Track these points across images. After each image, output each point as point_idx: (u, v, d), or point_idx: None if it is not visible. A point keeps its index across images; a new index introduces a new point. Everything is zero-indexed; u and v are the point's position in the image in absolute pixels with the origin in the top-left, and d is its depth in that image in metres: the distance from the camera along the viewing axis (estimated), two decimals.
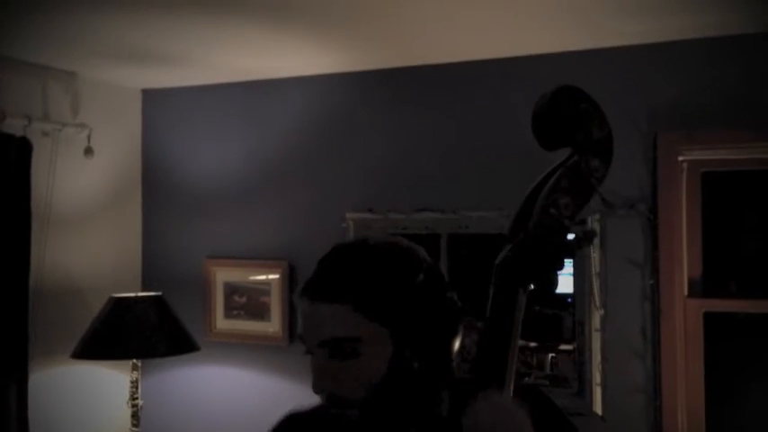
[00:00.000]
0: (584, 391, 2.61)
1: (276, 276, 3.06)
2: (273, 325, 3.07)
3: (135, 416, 2.82)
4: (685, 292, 2.51)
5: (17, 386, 2.64)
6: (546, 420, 1.01)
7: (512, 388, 0.98)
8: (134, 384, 2.82)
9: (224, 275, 3.18)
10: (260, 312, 3.11)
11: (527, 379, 2.98)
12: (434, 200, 2.81)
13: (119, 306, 2.75)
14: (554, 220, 0.98)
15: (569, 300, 4.63)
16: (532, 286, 0.98)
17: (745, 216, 2.70)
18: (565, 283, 5.01)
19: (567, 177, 0.99)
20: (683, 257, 2.52)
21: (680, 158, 2.52)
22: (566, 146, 1.01)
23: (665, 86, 2.52)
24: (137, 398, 2.82)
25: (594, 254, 2.59)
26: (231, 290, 3.17)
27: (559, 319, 4.52)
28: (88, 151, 2.99)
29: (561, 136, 1.00)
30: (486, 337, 0.98)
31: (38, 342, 2.76)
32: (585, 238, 0.98)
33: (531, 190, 1.03)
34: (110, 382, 3.01)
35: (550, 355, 4.07)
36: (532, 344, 4.06)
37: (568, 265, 4.73)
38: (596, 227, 2.59)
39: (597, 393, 2.55)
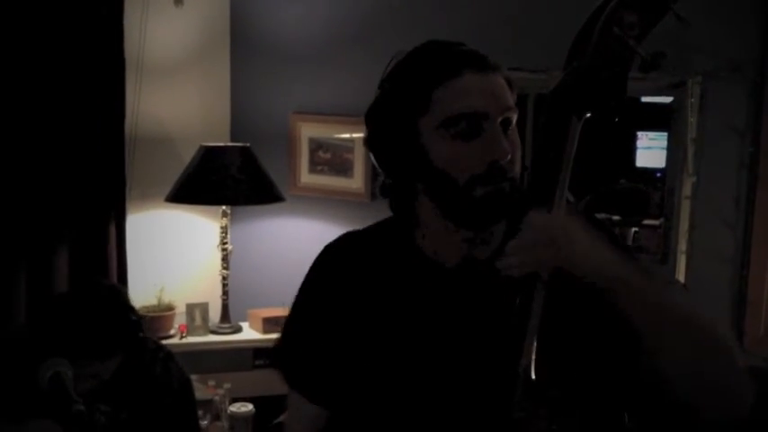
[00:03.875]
0: (668, 258, 2.57)
1: (360, 134, 3.06)
2: (356, 181, 3.10)
3: (225, 259, 2.96)
4: None
5: (116, 225, 2.80)
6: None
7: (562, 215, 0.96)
8: (224, 230, 2.95)
9: (309, 131, 3.20)
10: (343, 168, 3.15)
11: None
12: (522, 58, 2.70)
13: (209, 154, 2.83)
14: (617, 40, 0.90)
15: (658, 174, 4.49)
16: (589, 114, 0.93)
17: None
18: (655, 156, 4.86)
19: None
20: None
21: None
22: None
23: None
24: (226, 242, 2.96)
25: (692, 118, 2.47)
26: (316, 145, 3.20)
27: (646, 193, 4.41)
28: (178, 1, 2.98)
29: None
30: (536, 168, 0.95)
31: (134, 186, 2.90)
32: (653, 62, 0.89)
33: (593, 11, 0.95)
34: (202, 227, 3.14)
35: (633, 229, 4.00)
36: (615, 217, 3.99)
37: (661, 137, 4.51)
38: (696, 90, 2.45)
39: (681, 261, 2.51)
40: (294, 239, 3.24)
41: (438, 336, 1.11)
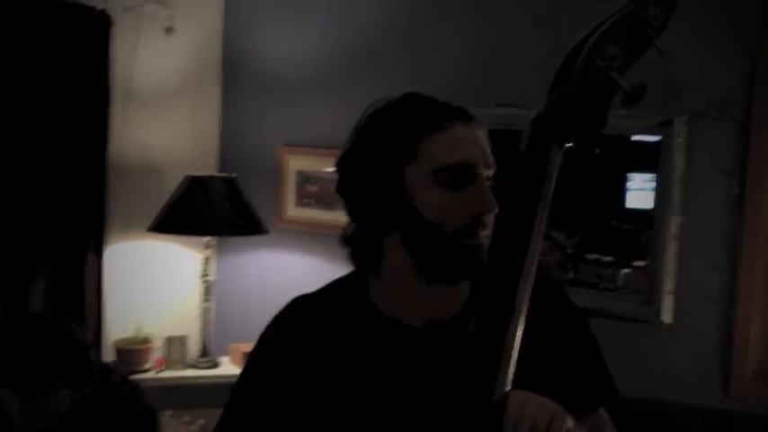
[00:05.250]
0: (653, 299, 2.53)
1: None
2: (343, 215, 3.06)
3: (206, 291, 2.92)
4: None
5: (95, 255, 2.76)
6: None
7: (535, 264, 0.94)
8: (206, 261, 2.91)
9: (297, 163, 3.19)
10: (331, 202, 3.12)
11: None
12: (517, 95, 2.70)
13: (193, 184, 2.81)
14: (599, 71, 0.89)
15: (648, 215, 4.47)
16: (570, 144, 0.91)
17: None
18: (646, 197, 4.84)
19: (620, 25, 0.89)
20: None
21: None
22: None
23: None
24: (208, 274, 2.92)
25: (679, 158, 2.45)
26: (304, 178, 3.18)
27: (636, 234, 4.39)
28: (169, 30, 2.99)
29: None
30: (513, 197, 0.93)
31: (116, 215, 2.87)
32: (635, 94, 0.89)
33: (577, 43, 0.94)
34: (184, 258, 3.10)
35: (624, 270, 3.97)
36: (606, 258, 3.97)
37: (650, 179, 4.51)
38: (683, 129, 2.44)
39: (667, 301, 2.47)
40: (279, 273, 3.20)
41: (407, 402, 1.06)
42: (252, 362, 1.19)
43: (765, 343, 2.38)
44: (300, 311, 1.18)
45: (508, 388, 0.91)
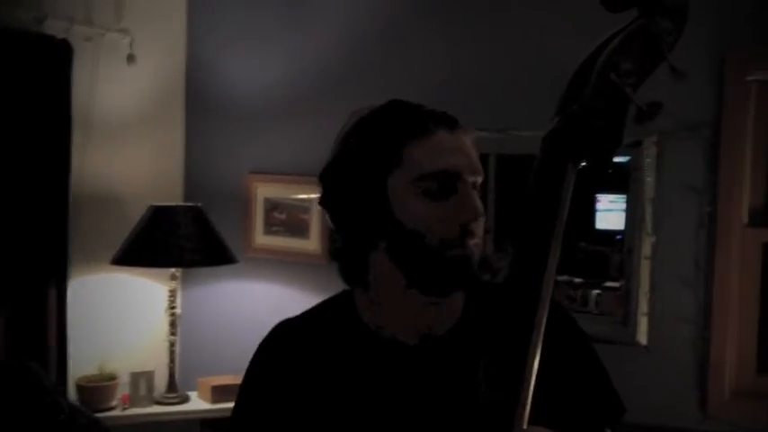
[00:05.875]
0: (628, 320, 2.51)
1: (317, 194, 2.99)
2: (313, 243, 3.03)
3: (173, 324, 2.83)
4: (745, 221, 2.37)
5: (56, 290, 2.67)
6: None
7: (551, 289, 0.90)
8: (172, 293, 2.83)
9: (265, 191, 3.14)
10: (300, 230, 3.07)
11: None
12: (483, 118, 2.69)
13: (158, 215, 2.74)
14: (614, 87, 0.86)
15: (618, 237, 4.49)
16: (585, 163, 0.88)
17: None
18: (615, 218, 4.87)
19: (634, 40, 0.87)
20: (745, 185, 2.36)
21: (749, 78, 2.33)
22: (633, 5, 0.89)
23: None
24: (174, 307, 2.83)
25: (650, 178, 2.45)
26: (271, 206, 3.13)
27: (606, 256, 4.41)
28: (131, 58, 2.93)
29: None
30: (529, 218, 0.89)
31: (78, 248, 2.78)
32: (650, 112, 0.86)
33: (588, 56, 0.92)
34: (149, 291, 3.02)
35: (595, 291, 3.97)
36: (577, 279, 3.97)
37: (619, 199, 4.53)
38: (653, 149, 2.44)
39: (642, 323, 2.45)
40: (248, 303, 3.13)
41: (401, 419, 1.02)
42: (244, 391, 1.14)
43: (741, 362, 2.36)
44: (287, 334, 1.14)
45: (526, 423, 0.85)
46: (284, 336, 1.14)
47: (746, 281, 2.36)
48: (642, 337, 2.45)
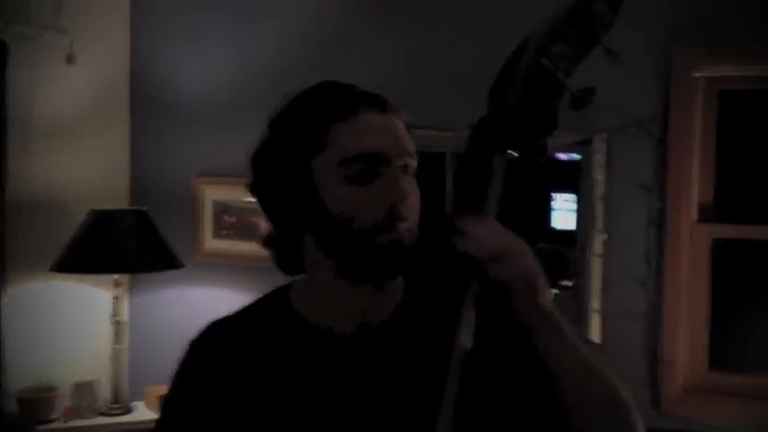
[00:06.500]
0: (581, 318, 2.49)
1: None
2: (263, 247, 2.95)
3: (117, 332, 2.74)
4: (694, 217, 2.37)
5: None
6: None
7: None
8: (116, 301, 2.74)
9: (213, 194, 3.06)
10: (250, 233, 2.99)
11: None
12: (436, 116, 2.65)
13: (100, 219, 2.65)
14: (545, 72, 0.82)
15: (573, 235, 4.52)
16: (515, 153, 0.84)
17: (762, 138, 2.52)
18: (570, 217, 4.90)
19: (566, 23, 0.83)
20: (694, 181, 2.37)
21: (696, 75, 2.34)
22: None
23: None
24: (119, 314, 2.74)
25: (600, 176, 2.44)
26: (221, 209, 3.06)
27: (564, 255, 4.42)
28: (70, 58, 2.83)
29: None
30: (454, 209, 0.85)
31: (17, 255, 2.68)
32: (583, 98, 0.82)
33: (521, 42, 0.88)
34: (92, 299, 2.92)
35: (553, 291, 3.98)
36: None
37: (574, 198, 4.54)
38: (602, 147, 2.43)
39: (595, 321, 2.44)
40: (199, 309, 3.01)
41: (336, 412, 0.98)
42: (173, 390, 1.09)
43: (693, 358, 2.37)
44: (218, 332, 1.09)
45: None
46: (215, 333, 1.09)
47: (697, 277, 2.36)
48: (595, 335, 2.44)
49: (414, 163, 0.99)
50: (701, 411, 2.29)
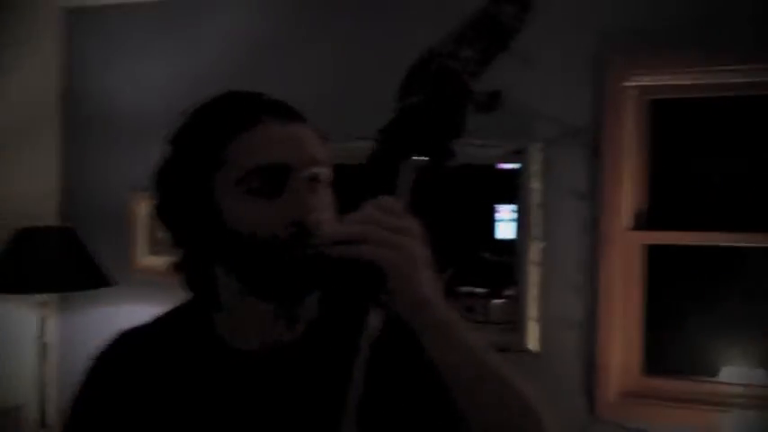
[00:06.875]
0: (519, 326, 2.49)
1: None
2: None
3: (44, 354, 2.63)
4: (628, 225, 2.39)
5: None
6: None
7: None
8: (43, 321, 2.63)
9: (148, 209, 2.98)
10: None
11: None
12: (367, 127, 2.63)
13: (23, 237, 2.55)
14: (452, 75, 0.80)
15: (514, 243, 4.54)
16: (424, 158, 0.82)
17: (694, 147, 2.57)
18: (511, 227, 4.92)
19: (474, 25, 0.81)
20: (627, 189, 2.39)
21: (627, 84, 2.37)
22: None
23: (615, 6, 2.36)
24: (45, 335, 2.64)
25: (536, 185, 2.45)
26: (155, 224, 2.98)
27: (508, 265, 4.44)
28: None
29: None
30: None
31: None
32: (490, 102, 0.80)
33: (429, 46, 0.85)
34: (19, 320, 2.80)
35: (498, 301, 3.98)
36: (479, 290, 3.98)
37: (516, 208, 4.57)
38: (538, 156, 2.44)
39: (532, 328, 2.44)
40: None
41: None
42: (79, 404, 1.03)
43: (627, 364, 2.38)
44: (130, 345, 1.04)
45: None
46: (126, 346, 1.04)
47: (630, 283, 2.38)
48: (532, 344, 2.44)
49: (326, 173, 0.95)
50: (635, 416, 2.31)
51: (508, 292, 3.95)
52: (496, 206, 5.11)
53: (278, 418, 0.93)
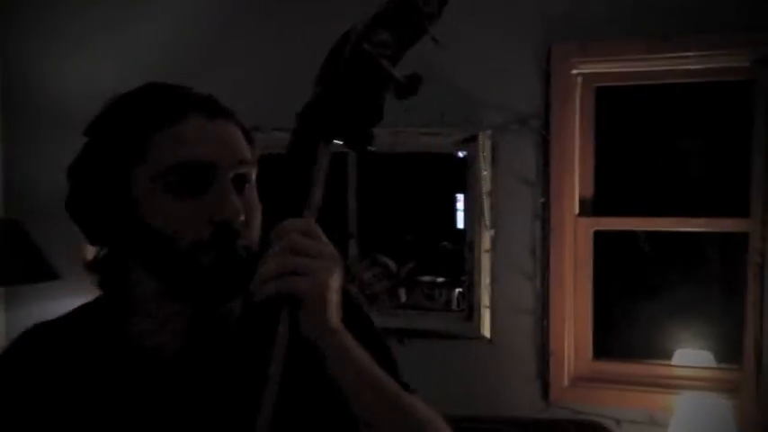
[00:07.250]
0: (472, 314, 2.51)
1: None
2: None
3: None
4: (576, 211, 2.43)
5: None
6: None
7: None
8: None
9: None
10: None
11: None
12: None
13: None
14: (369, 59, 0.79)
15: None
16: (341, 142, 0.81)
17: (640, 133, 2.61)
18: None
19: (391, 10, 0.80)
20: (575, 176, 2.42)
21: (574, 72, 2.40)
22: None
23: None
24: None
25: (485, 172, 2.47)
26: None
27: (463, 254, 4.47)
28: None
29: None
30: (276, 203, 0.81)
31: None
32: (410, 85, 0.80)
33: (347, 30, 0.85)
34: None
35: (456, 290, 4.01)
36: (440, 279, 3.99)
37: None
38: (487, 144, 2.46)
39: (485, 316, 2.46)
40: None
41: None
42: None
43: (579, 349, 2.42)
44: (43, 340, 0.99)
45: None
46: (38, 341, 0.99)
47: (580, 269, 2.42)
48: (485, 330, 2.46)
49: (251, 171, 0.92)
50: (586, 400, 2.35)
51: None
52: (458, 196, 5.14)
53: (189, 420, 0.91)
